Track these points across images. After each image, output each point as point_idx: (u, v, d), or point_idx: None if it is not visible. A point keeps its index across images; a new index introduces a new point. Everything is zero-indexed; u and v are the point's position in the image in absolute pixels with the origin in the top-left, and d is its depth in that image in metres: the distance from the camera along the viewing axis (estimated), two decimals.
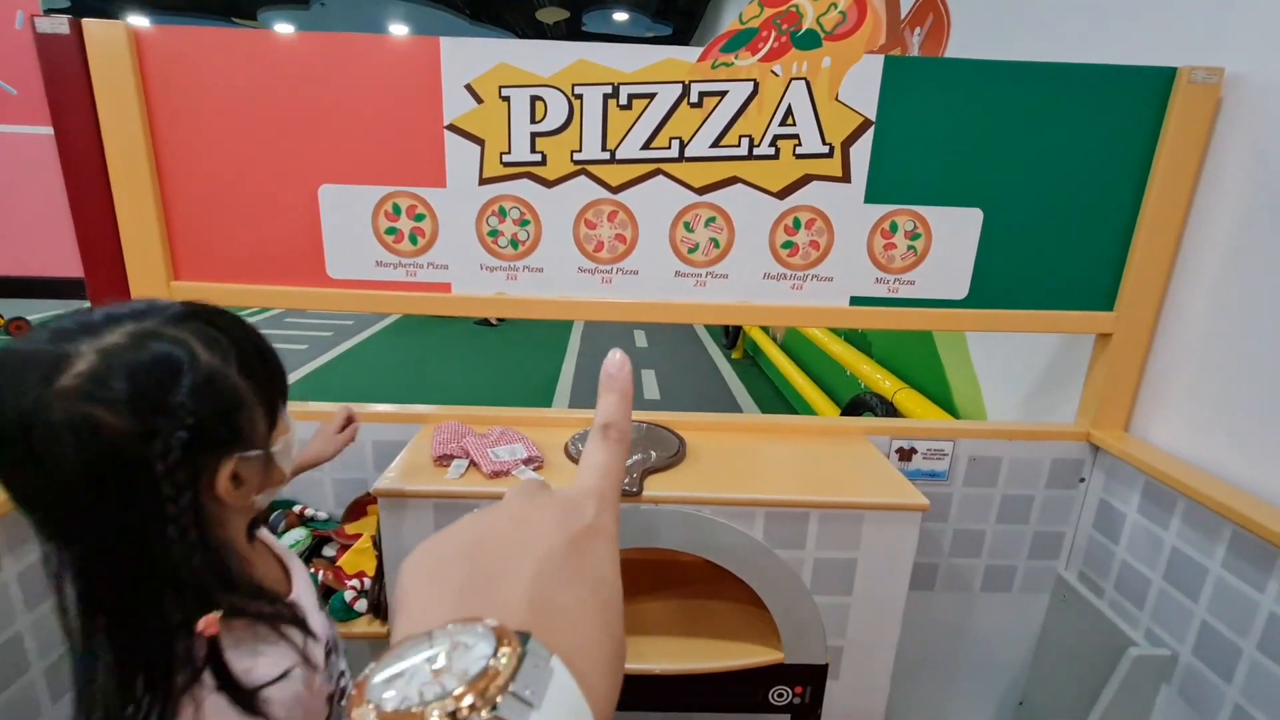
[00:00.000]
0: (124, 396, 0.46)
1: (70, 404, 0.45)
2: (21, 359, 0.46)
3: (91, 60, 1.18)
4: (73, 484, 0.46)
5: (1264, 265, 1.15)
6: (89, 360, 0.46)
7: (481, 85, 1.22)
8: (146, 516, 0.48)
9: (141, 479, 0.47)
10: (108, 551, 0.48)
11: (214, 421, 0.50)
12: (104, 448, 0.46)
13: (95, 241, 1.28)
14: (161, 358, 0.48)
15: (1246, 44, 1.19)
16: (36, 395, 0.44)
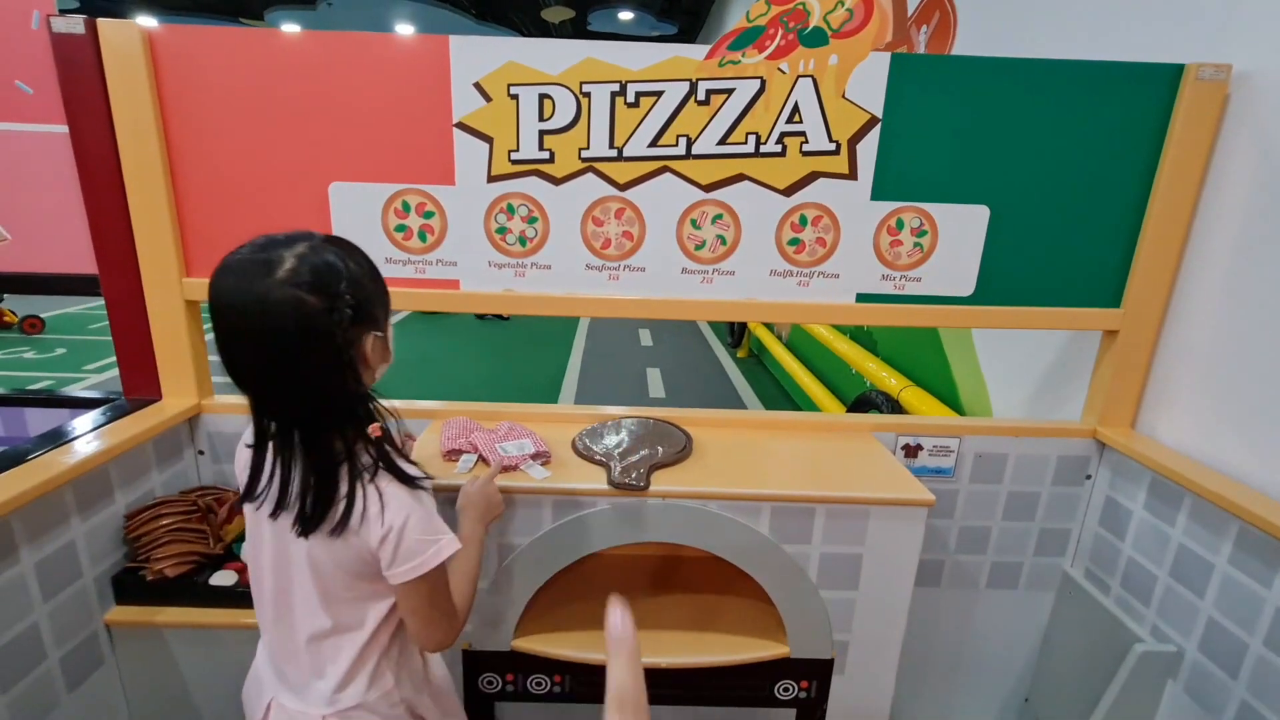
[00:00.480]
0: (315, 284, 0.67)
1: (284, 289, 0.66)
2: (246, 263, 0.67)
3: (106, 60, 1.19)
4: (289, 340, 0.67)
5: (1271, 262, 1.15)
6: (290, 262, 0.67)
7: (490, 83, 1.23)
8: (329, 363, 0.70)
9: (326, 338, 0.68)
10: (308, 386, 0.70)
11: (361, 306, 0.71)
12: (306, 316, 0.67)
13: (109, 239, 1.30)
14: (330, 262, 0.69)
15: (1254, 41, 1.19)
16: (264, 283, 0.66)
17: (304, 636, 0.81)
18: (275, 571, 0.80)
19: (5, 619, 1.00)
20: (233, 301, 0.67)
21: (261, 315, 0.66)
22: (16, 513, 1.00)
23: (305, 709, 0.82)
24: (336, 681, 0.81)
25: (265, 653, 0.88)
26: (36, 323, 5.84)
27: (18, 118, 1.24)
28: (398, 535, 0.74)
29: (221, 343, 0.69)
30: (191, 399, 1.39)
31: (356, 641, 0.81)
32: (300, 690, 0.83)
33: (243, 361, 0.70)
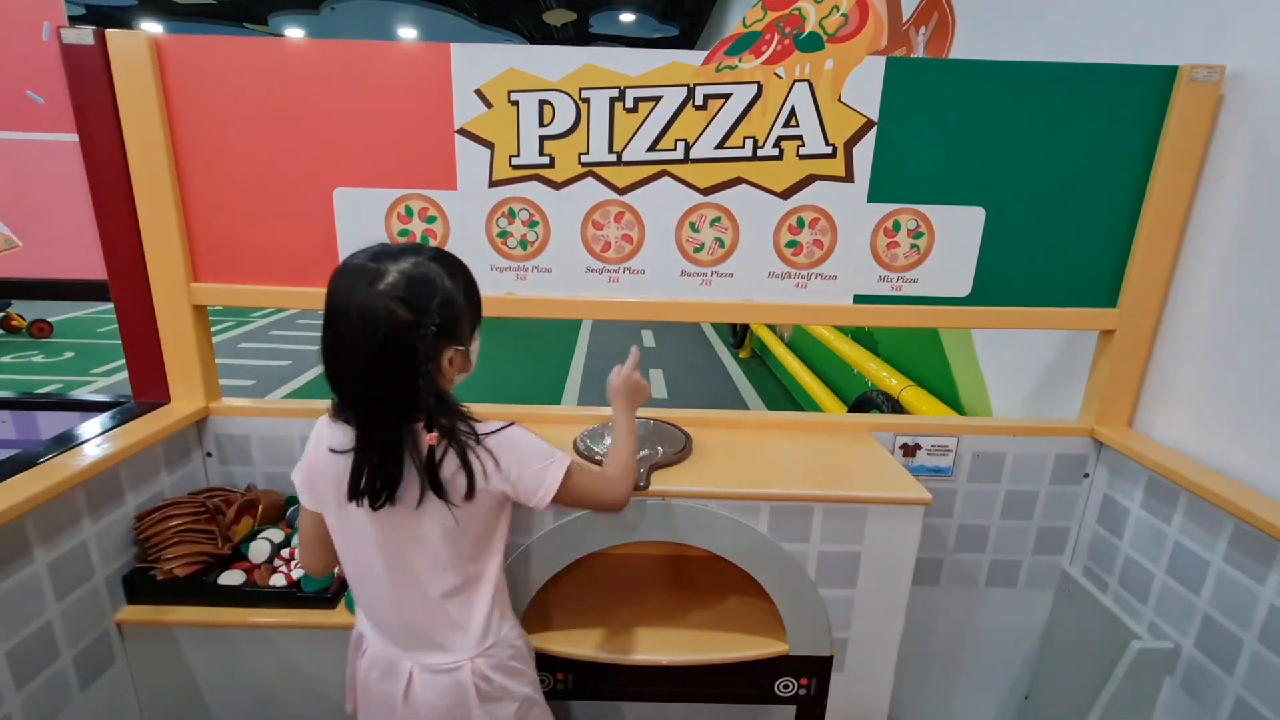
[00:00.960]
0: (408, 300, 0.75)
1: (383, 300, 0.74)
2: (357, 270, 0.76)
3: (115, 69, 1.22)
4: (377, 346, 0.74)
5: (1267, 261, 1.16)
6: (393, 276, 0.75)
7: (491, 90, 1.25)
8: (410, 372, 0.76)
9: (409, 350, 0.75)
10: (389, 387, 0.77)
11: (447, 324, 0.78)
12: (395, 328, 0.74)
13: (118, 245, 1.32)
14: (428, 279, 0.77)
15: (1248, 42, 1.20)
16: (366, 292, 0.74)
17: (437, 598, 0.88)
18: (388, 553, 0.87)
19: (20, 618, 1.02)
20: (338, 303, 0.76)
21: (359, 320, 0.74)
22: (30, 514, 1.02)
23: (454, 659, 0.90)
24: (479, 627, 0.91)
25: (381, 634, 0.93)
26: (45, 326, 5.89)
27: (30, 127, 1.26)
28: (519, 477, 0.86)
29: (327, 341, 0.78)
30: (199, 402, 1.41)
31: (486, 590, 0.91)
32: (443, 645, 0.90)
33: (341, 360, 0.78)
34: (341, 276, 0.77)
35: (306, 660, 1.29)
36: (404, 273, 0.75)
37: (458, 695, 0.90)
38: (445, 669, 0.90)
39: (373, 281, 0.74)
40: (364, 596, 0.93)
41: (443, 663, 0.90)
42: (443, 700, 0.90)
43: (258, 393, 4.74)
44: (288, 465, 1.48)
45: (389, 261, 0.76)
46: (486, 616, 0.91)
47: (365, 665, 0.94)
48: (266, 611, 1.26)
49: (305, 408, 1.47)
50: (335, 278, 0.77)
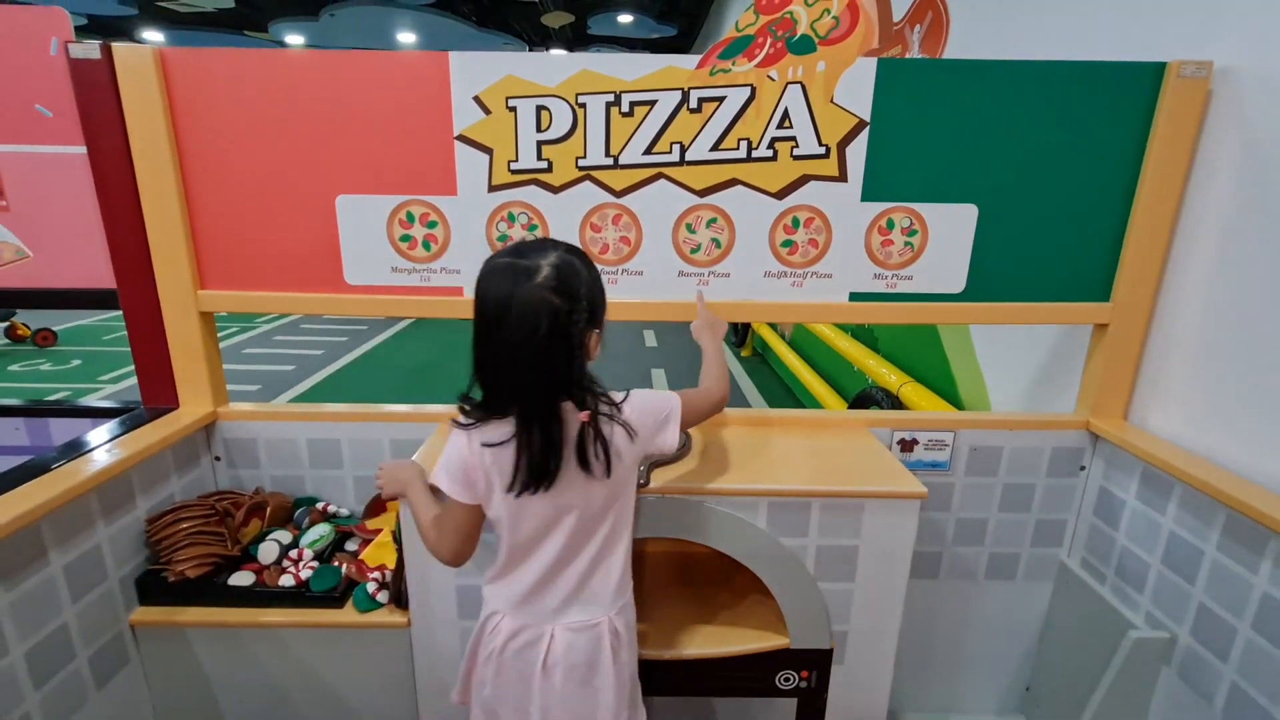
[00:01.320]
0: (562, 290, 0.82)
1: (541, 292, 0.81)
2: (509, 268, 0.82)
3: (121, 82, 1.25)
4: (542, 336, 0.81)
5: (1257, 254, 1.17)
6: (546, 270, 0.82)
7: (489, 97, 1.27)
8: (566, 355, 0.83)
9: (565, 334, 0.82)
10: (551, 362, 0.83)
11: (593, 309, 0.86)
12: (554, 316, 0.81)
13: (126, 254, 1.35)
14: (574, 269, 0.84)
15: (1235, 38, 1.21)
16: (525, 286, 0.80)
17: (586, 564, 0.96)
18: (553, 525, 0.93)
19: (37, 619, 1.05)
20: (498, 300, 0.81)
21: (521, 314, 0.80)
22: (46, 518, 1.05)
23: (594, 616, 0.97)
24: (616, 584, 0.98)
25: (527, 607, 0.97)
26: (49, 335, 5.94)
27: (39, 140, 1.29)
28: (651, 434, 0.96)
29: (483, 338, 0.83)
30: (207, 406, 1.44)
31: (622, 549, 0.99)
32: (587, 605, 0.97)
33: (502, 354, 0.83)
34: (495, 276, 0.82)
35: (315, 659, 1.32)
36: (554, 265, 0.82)
37: (594, 651, 0.97)
38: (586, 626, 0.96)
39: (529, 277, 0.81)
40: (522, 572, 0.96)
41: (584, 620, 0.96)
42: (581, 658, 0.96)
43: (263, 397, 4.78)
44: (294, 468, 1.52)
45: (535, 257, 0.83)
46: (622, 574, 0.99)
47: (502, 641, 0.97)
48: (276, 611, 1.29)
49: (311, 411, 1.50)
50: (489, 278, 0.83)
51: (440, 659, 1.28)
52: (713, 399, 1.10)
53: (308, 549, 1.37)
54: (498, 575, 0.99)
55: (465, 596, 1.23)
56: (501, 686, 0.99)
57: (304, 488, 1.53)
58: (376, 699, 1.35)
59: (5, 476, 1.09)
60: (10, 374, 5.24)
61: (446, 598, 1.23)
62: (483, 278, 0.84)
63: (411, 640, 1.27)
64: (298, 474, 1.52)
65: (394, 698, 1.34)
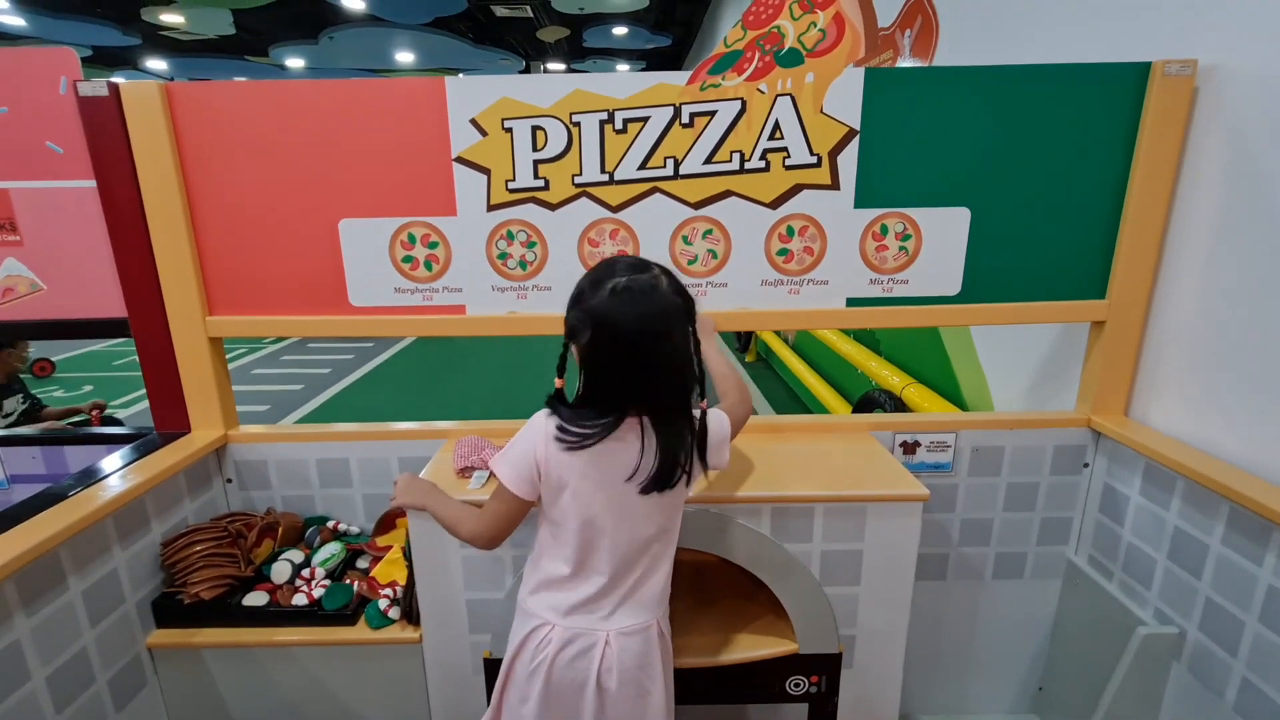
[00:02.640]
0: (681, 292, 0.90)
1: (670, 297, 0.88)
2: (642, 283, 0.87)
3: (129, 117, 1.28)
4: (680, 336, 0.88)
5: (1248, 247, 1.18)
6: (665, 279, 0.89)
7: (485, 119, 1.30)
8: (688, 341, 0.90)
9: (685, 326, 0.90)
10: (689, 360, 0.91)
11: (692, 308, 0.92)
12: (684, 314, 0.89)
13: (137, 283, 1.38)
14: (673, 273, 0.91)
15: (1219, 36, 1.23)
16: (661, 296, 0.87)
17: (644, 569, 0.98)
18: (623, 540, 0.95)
19: (58, 644, 1.07)
20: (644, 315, 0.86)
21: (664, 318, 0.86)
22: (64, 545, 1.08)
23: (647, 619, 0.99)
24: (665, 586, 1.02)
25: (580, 613, 0.97)
26: (46, 365, 5.93)
27: (50, 176, 1.33)
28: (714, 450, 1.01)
29: (621, 360, 0.87)
30: (218, 430, 1.47)
31: (670, 558, 1.02)
32: (640, 606, 0.99)
33: (641, 368, 0.87)
34: (625, 297, 0.86)
35: (329, 676, 1.33)
36: (664, 271, 0.89)
37: (646, 654, 0.99)
38: (639, 629, 0.98)
39: (659, 288, 0.87)
40: (585, 579, 0.97)
41: (635, 624, 0.98)
42: (634, 661, 0.97)
43: (272, 417, 4.82)
44: (304, 488, 1.54)
45: (656, 270, 0.89)
46: (669, 576, 1.02)
47: (554, 651, 0.96)
48: (289, 630, 1.31)
49: (319, 432, 1.52)
50: (617, 304, 0.85)
51: (452, 674, 1.29)
52: (746, 411, 1.14)
53: (320, 568, 1.39)
54: (551, 585, 0.98)
55: (476, 611, 1.25)
56: (550, 699, 0.97)
57: (314, 507, 1.55)
58: (390, 714, 1.36)
59: (25, 505, 1.12)
60: None
61: (458, 613, 1.25)
62: (607, 304, 0.85)
63: (424, 656, 1.29)
64: (308, 494, 1.54)
65: (408, 713, 1.35)
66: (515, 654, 1.00)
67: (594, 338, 0.86)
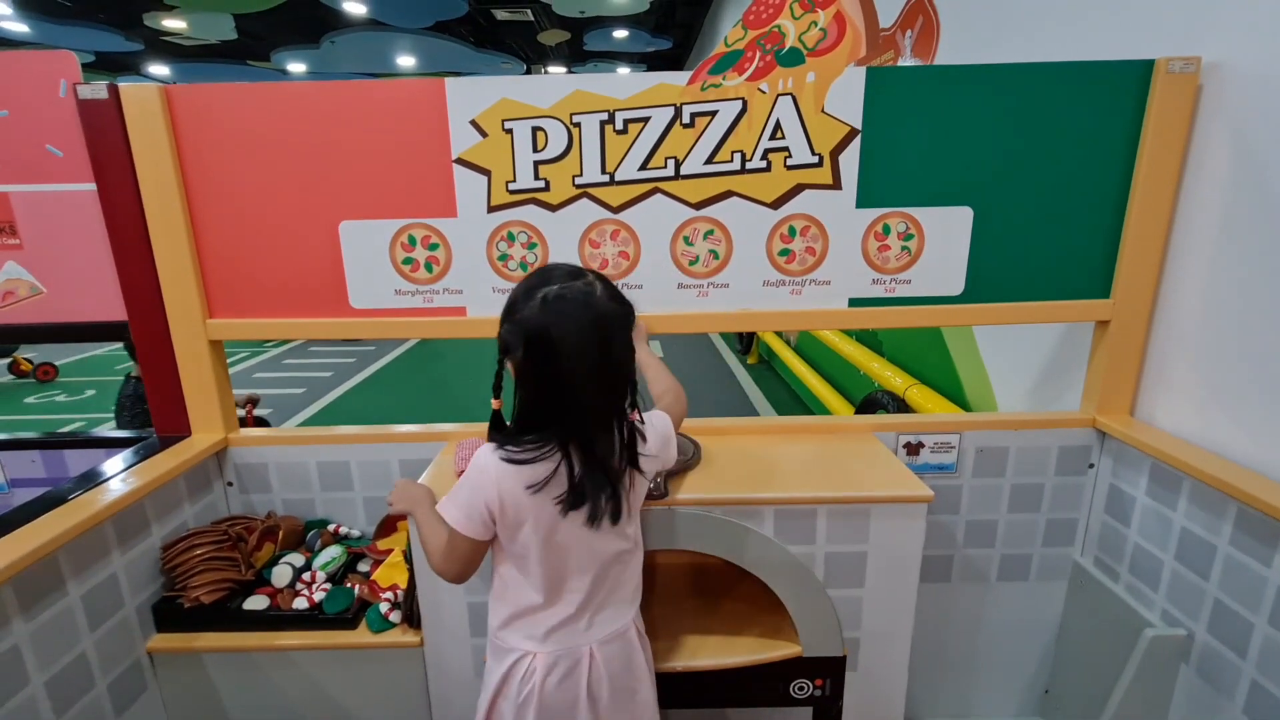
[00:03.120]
0: (618, 298, 0.87)
1: (606, 303, 0.84)
2: (575, 291, 0.83)
3: (128, 120, 1.28)
4: (617, 345, 0.85)
5: (1253, 244, 1.17)
6: (599, 285, 0.85)
7: (485, 120, 1.30)
8: (627, 352, 0.88)
9: (626, 335, 0.87)
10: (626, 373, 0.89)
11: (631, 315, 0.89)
12: (619, 321, 0.86)
13: (137, 286, 1.38)
14: (608, 279, 0.89)
15: (1222, 33, 1.22)
16: (596, 303, 0.83)
17: (614, 579, 0.97)
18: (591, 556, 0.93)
19: (57, 649, 1.07)
20: (572, 324, 0.81)
21: (595, 329, 0.82)
22: (63, 549, 1.07)
23: (623, 622, 0.99)
24: (636, 585, 1.02)
25: (559, 634, 0.95)
26: (50, 370, 5.96)
27: (50, 179, 1.33)
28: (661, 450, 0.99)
29: (555, 369, 0.82)
30: (219, 433, 1.46)
31: (639, 556, 1.02)
32: (616, 612, 0.99)
33: (578, 379, 0.83)
34: (559, 305, 0.82)
35: (330, 680, 1.33)
36: (599, 278, 0.87)
37: (628, 655, 0.99)
38: (618, 635, 0.98)
39: (592, 294, 0.83)
40: (560, 605, 0.94)
41: (615, 629, 0.98)
42: (619, 666, 0.98)
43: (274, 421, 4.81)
44: (305, 491, 1.53)
45: (575, 278, 0.85)
46: (639, 572, 1.02)
47: (540, 679, 0.93)
48: (290, 634, 1.30)
49: (320, 435, 1.52)
50: (550, 310, 0.81)
51: (454, 677, 1.28)
52: (682, 408, 1.13)
53: (320, 571, 1.39)
54: (524, 614, 0.95)
55: (477, 614, 1.24)
56: None
57: (315, 510, 1.54)
58: (391, 718, 1.35)
59: (24, 509, 1.11)
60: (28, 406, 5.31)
61: (458, 616, 1.24)
62: (540, 311, 0.81)
63: (425, 659, 1.28)
64: (308, 497, 1.53)
65: (409, 716, 1.34)
66: (497, 691, 0.96)
67: (527, 353, 0.82)
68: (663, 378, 1.15)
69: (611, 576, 0.96)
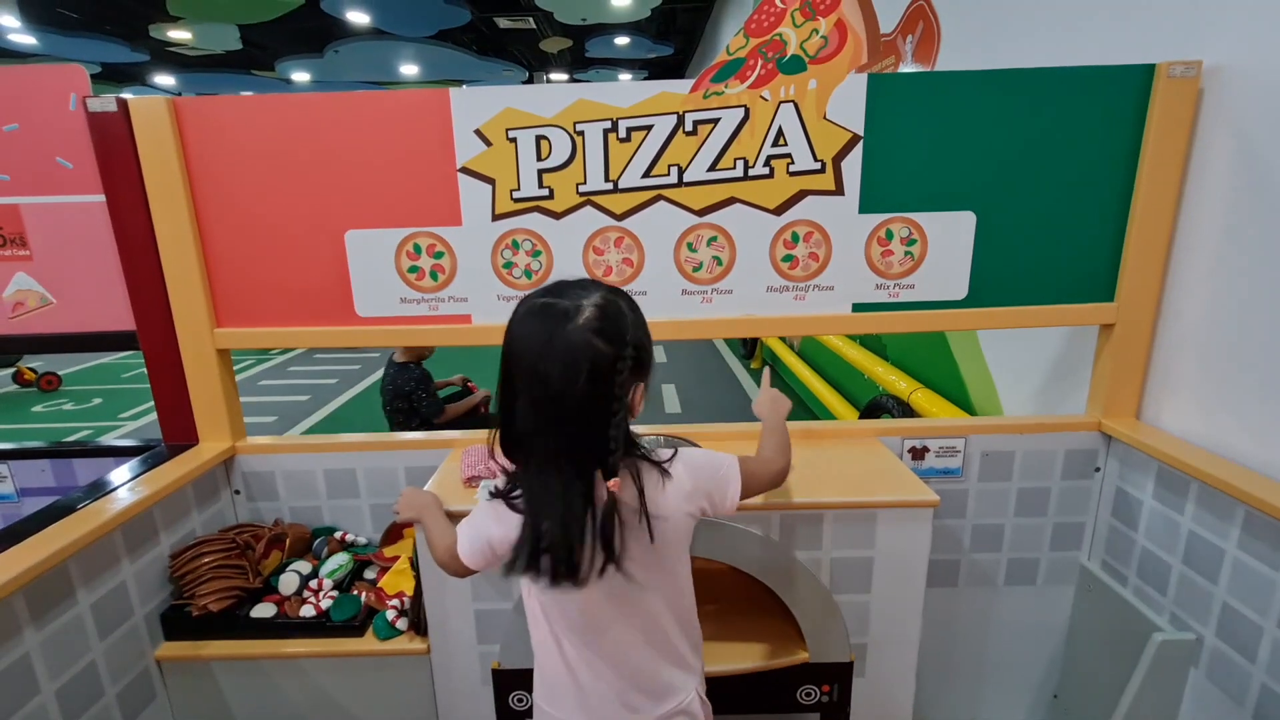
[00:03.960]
0: (607, 333, 0.72)
1: (582, 335, 0.71)
2: (546, 309, 0.72)
3: (137, 132, 1.29)
4: (581, 386, 0.70)
5: (1256, 246, 1.17)
6: (589, 310, 0.72)
7: (490, 129, 1.31)
8: (608, 405, 0.73)
9: (609, 383, 0.72)
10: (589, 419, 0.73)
11: (640, 357, 0.76)
12: (598, 362, 0.71)
13: (145, 297, 1.39)
14: (619, 311, 0.74)
15: (1223, 37, 1.23)
16: (565, 329, 0.70)
17: (675, 633, 0.88)
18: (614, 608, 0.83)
19: (67, 658, 1.07)
20: (531, 346, 0.71)
21: (561, 360, 0.70)
22: (74, 558, 1.08)
23: (684, 695, 0.89)
24: (697, 646, 0.92)
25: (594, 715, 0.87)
26: (53, 379, 5.97)
27: (60, 191, 1.34)
28: (711, 489, 0.86)
29: (512, 392, 0.73)
30: (226, 441, 1.47)
31: (691, 611, 0.91)
32: (671, 685, 0.88)
33: (533, 410, 0.72)
34: (530, 319, 0.73)
35: (337, 688, 1.33)
36: (597, 305, 0.72)
37: None
38: (679, 710, 0.88)
39: (569, 317, 0.71)
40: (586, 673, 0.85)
41: (675, 704, 0.87)
42: None
43: (279, 428, 4.83)
44: (312, 499, 1.54)
45: (576, 296, 0.73)
46: (699, 634, 0.92)
47: None
48: (297, 642, 1.30)
49: (326, 442, 1.52)
50: (521, 321, 0.73)
51: (461, 685, 1.28)
52: (773, 468, 0.98)
53: (327, 579, 1.39)
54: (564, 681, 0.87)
55: (484, 621, 1.24)
56: None
57: (322, 518, 1.55)
58: None
59: (34, 518, 1.12)
60: (36, 415, 5.34)
61: (465, 623, 1.24)
62: (516, 319, 0.74)
63: (432, 667, 1.28)
64: (315, 505, 1.54)
65: None
66: None
67: (501, 361, 0.74)
68: (766, 444, 1.03)
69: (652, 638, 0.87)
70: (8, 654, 0.97)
